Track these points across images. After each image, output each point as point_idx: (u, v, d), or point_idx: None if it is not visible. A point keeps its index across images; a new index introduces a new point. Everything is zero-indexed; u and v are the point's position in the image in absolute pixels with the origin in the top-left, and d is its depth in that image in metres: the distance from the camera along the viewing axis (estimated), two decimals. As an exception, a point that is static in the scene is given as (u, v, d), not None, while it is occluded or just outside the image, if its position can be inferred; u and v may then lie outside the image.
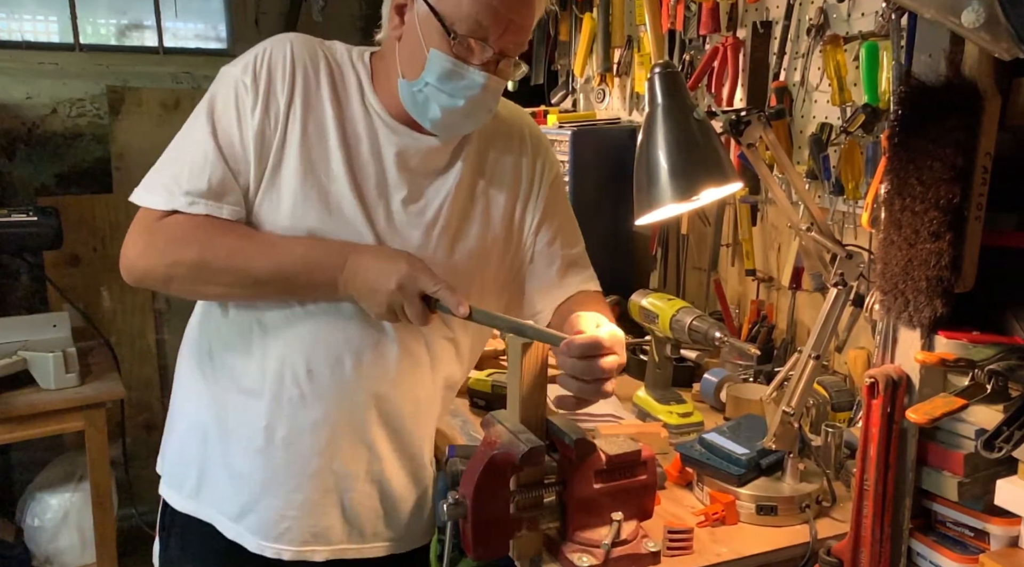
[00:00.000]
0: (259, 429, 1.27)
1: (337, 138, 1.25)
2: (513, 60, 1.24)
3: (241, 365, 1.29)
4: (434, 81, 1.19)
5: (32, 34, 3.31)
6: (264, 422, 1.27)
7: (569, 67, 3.02)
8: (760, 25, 2.05)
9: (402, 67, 1.23)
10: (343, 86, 1.28)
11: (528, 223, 1.41)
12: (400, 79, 1.23)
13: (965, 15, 0.93)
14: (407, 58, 1.22)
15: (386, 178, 1.27)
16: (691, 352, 2.00)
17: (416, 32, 1.19)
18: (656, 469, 1.22)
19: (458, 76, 1.19)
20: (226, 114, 1.22)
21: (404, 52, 1.22)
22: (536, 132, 1.46)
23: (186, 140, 1.24)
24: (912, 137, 1.12)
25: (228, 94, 1.23)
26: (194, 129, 1.23)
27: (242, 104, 1.22)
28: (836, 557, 1.20)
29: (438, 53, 1.18)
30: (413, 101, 1.23)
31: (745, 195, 2.10)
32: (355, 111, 1.27)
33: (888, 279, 1.14)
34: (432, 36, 1.18)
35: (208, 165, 1.20)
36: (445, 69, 1.18)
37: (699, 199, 1.29)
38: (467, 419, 1.82)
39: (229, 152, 1.21)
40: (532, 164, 1.42)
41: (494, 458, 1.08)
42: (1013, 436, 1.03)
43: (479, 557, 1.11)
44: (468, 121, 1.27)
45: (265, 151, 1.23)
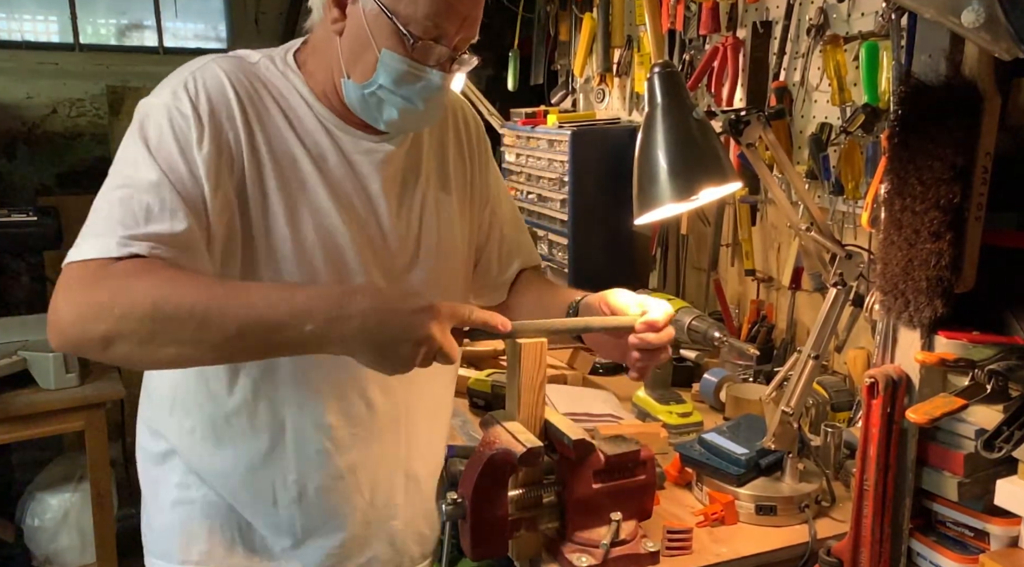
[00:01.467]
0: (290, 483, 1.22)
1: (310, 164, 1.15)
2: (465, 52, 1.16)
3: (249, 433, 1.21)
4: (388, 84, 1.11)
5: (32, 34, 3.31)
6: (294, 476, 1.22)
7: (569, 67, 3.02)
8: (760, 25, 2.05)
9: (347, 66, 1.13)
10: (286, 101, 1.16)
11: (479, 208, 1.37)
12: (345, 79, 1.14)
13: (965, 15, 0.93)
14: (352, 57, 1.12)
15: (369, 195, 1.20)
16: (691, 352, 2.01)
17: (363, 30, 1.09)
18: (655, 469, 1.22)
19: (415, 78, 1.11)
20: (165, 148, 1.06)
21: (348, 50, 1.12)
22: (465, 106, 1.40)
23: (121, 183, 1.04)
24: (912, 137, 1.11)
25: (162, 126, 1.06)
26: (130, 168, 1.05)
27: (183, 136, 1.06)
28: (836, 557, 1.20)
29: (392, 55, 1.10)
30: (364, 103, 1.14)
31: (745, 195, 2.10)
32: (310, 127, 1.17)
33: (888, 279, 1.14)
34: (383, 36, 1.09)
35: (157, 203, 1.02)
36: (400, 71, 1.10)
37: (698, 199, 1.29)
38: (467, 419, 1.82)
39: (180, 188, 1.04)
40: (472, 142, 1.36)
41: (493, 458, 1.08)
42: (1013, 436, 1.03)
43: (478, 557, 1.11)
44: (425, 120, 1.21)
45: (225, 193, 1.08)
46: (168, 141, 1.06)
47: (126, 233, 1.00)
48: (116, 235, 1.00)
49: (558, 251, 2.62)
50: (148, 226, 1.01)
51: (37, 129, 3.21)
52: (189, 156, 1.06)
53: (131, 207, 1.02)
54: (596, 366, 2.09)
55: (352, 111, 1.17)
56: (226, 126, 1.10)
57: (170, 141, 1.06)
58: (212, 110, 1.09)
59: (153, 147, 1.05)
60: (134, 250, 0.99)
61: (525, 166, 2.78)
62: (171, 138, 1.06)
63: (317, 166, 1.16)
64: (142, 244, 1.00)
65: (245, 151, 1.11)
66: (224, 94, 1.11)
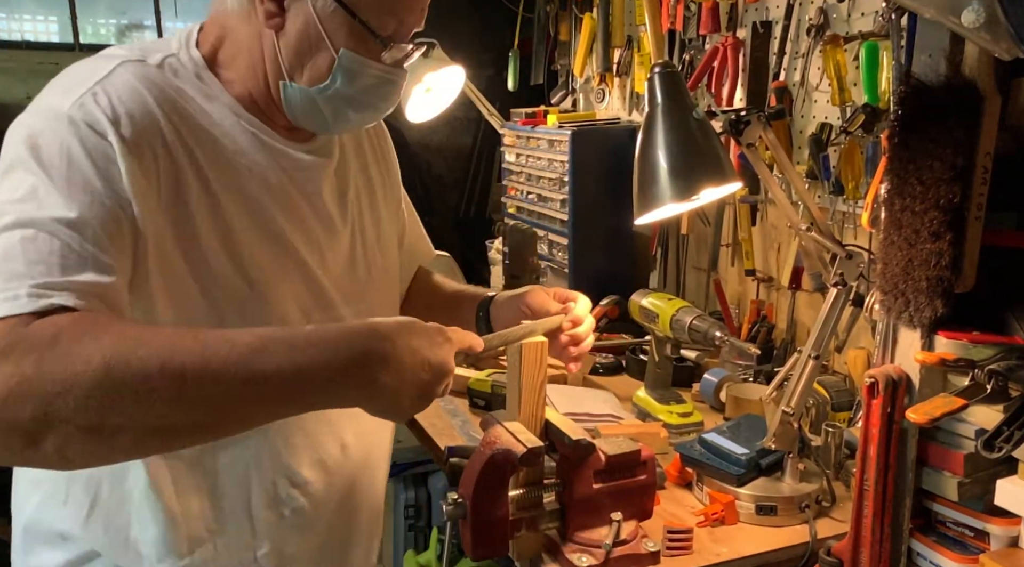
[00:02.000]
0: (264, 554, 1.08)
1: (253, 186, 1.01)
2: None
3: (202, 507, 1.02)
4: (346, 87, 1.01)
5: (32, 34, 3.31)
6: (267, 548, 1.08)
7: (569, 67, 3.02)
8: (760, 25, 2.05)
9: (290, 68, 1.00)
10: (209, 114, 0.99)
11: (396, 208, 1.30)
12: (288, 83, 1.00)
13: (965, 15, 0.93)
14: (297, 58, 0.99)
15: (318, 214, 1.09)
16: (691, 352, 2.01)
17: (314, 28, 0.97)
18: (656, 469, 1.21)
19: (376, 79, 1.02)
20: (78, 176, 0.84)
21: (292, 50, 0.99)
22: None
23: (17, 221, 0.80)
24: (912, 137, 1.11)
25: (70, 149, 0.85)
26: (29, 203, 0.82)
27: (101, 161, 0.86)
28: (836, 557, 1.20)
29: (353, 56, 0.99)
30: (310, 108, 1.02)
31: (745, 195, 2.10)
32: (243, 143, 1.01)
33: (888, 279, 1.14)
34: (341, 35, 0.98)
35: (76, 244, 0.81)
36: (362, 74, 1.01)
37: (698, 199, 1.29)
38: (467, 419, 1.82)
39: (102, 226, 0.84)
40: (377, 136, 1.28)
41: (493, 458, 1.08)
42: (1013, 436, 1.03)
43: (478, 557, 1.11)
44: (376, 119, 1.12)
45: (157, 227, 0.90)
46: (82, 168, 0.84)
47: (38, 281, 0.77)
48: (24, 284, 0.76)
49: (558, 251, 2.62)
50: (66, 274, 0.79)
51: (37, 129, 3.21)
52: (113, 186, 0.85)
53: (39, 250, 0.79)
54: (596, 366, 2.09)
55: (289, 116, 1.04)
56: (154, 148, 0.91)
57: (85, 168, 0.85)
58: (135, 129, 0.89)
59: (59, 175, 0.83)
60: (55, 301, 0.76)
61: (525, 166, 2.78)
62: (86, 164, 0.85)
63: (261, 188, 1.02)
64: (63, 294, 0.77)
65: (177, 176, 0.93)
66: (147, 110, 0.91)
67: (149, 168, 0.90)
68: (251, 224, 1.00)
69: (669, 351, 1.76)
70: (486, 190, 3.70)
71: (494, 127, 2.99)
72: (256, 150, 1.02)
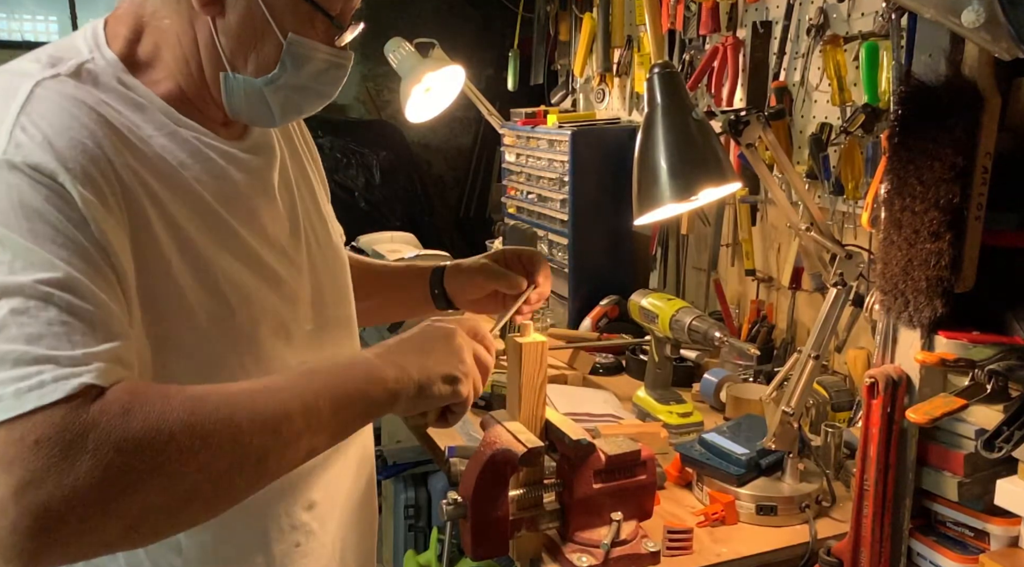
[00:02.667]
0: None
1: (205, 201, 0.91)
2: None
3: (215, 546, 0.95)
4: (296, 75, 0.93)
5: (32, 34, 3.32)
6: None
7: (569, 67, 3.02)
8: (760, 25, 2.05)
9: (232, 58, 0.90)
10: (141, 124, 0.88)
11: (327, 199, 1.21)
12: (230, 74, 0.91)
13: (965, 15, 0.93)
14: (240, 47, 0.90)
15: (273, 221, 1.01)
16: (691, 352, 2.01)
17: (257, 12, 0.89)
18: (656, 469, 1.22)
19: (327, 64, 0.95)
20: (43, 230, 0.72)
21: (233, 39, 0.90)
22: None
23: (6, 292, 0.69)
24: (912, 137, 1.12)
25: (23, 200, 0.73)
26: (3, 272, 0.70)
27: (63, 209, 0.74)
28: (836, 557, 1.20)
29: (303, 41, 0.92)
30: (253, 100, 0.94)
31: (745, 195, 2.10)
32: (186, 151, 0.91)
33: (888, 279, 1.14)
34: (289, 18, 0.90)
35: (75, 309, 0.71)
36: (312, 59, 0.93)
37: (698, 199, 1.29)
38: (467, 419, 1.82)
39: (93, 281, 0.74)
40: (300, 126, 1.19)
41: (494, 458, 1.08)
42: (1013, 436, 1.03)
43: (478, 557, 1.11)
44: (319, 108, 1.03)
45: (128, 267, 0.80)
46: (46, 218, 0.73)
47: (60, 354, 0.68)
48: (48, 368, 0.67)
49: (558, 251, 2.62)
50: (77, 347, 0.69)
51: (37, 129, 3.21)
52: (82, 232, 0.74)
53: (36, 321, 0.69)
54: (596, 366, 2.09)
55: (230, 111, 0.95)
56: (107, 179, 0.80)
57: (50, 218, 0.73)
58: (83, 163, 0.77)
59: (23, 232, 0.71)
60: (85, 380, 0.67)
61: (525, 166, 2.78)
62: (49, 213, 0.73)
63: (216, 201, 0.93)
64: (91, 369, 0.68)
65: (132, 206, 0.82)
66: (85, 137, 0.79)
67: (109, 203, 0.79)
68: (215, 243, 0.91)
69: (669, 351, 1.76)
70: (486, 190, 3.70)
71: (494, 127, 2.99)
72: (201, 160, 0.92)
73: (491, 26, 3.48)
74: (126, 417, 0.67)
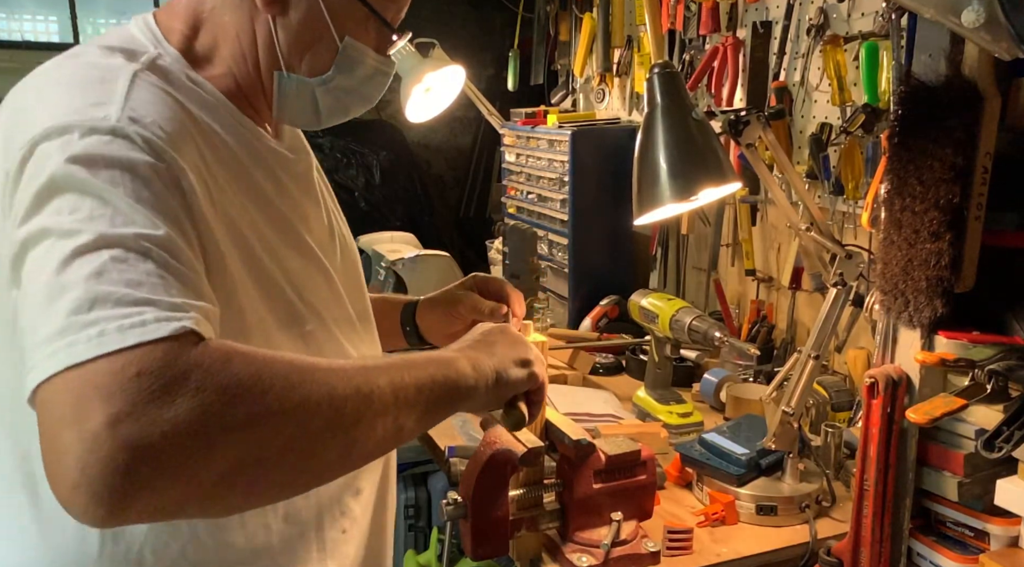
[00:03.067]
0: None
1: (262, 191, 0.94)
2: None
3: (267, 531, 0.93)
4: (346, 79, 0.95)
5: (32, 34, 3.32)
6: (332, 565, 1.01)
7: (569, 67, 3.02)
8: (760, 25, 2.05)
9: (288, 57, 0.92)
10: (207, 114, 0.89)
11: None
12: (284, 74, 0.93)
13: (965, 15, 0.93)
14: (298, 47, 0.92)
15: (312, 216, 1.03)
16: (691, 352, 2.01)
17: (318, 14, 0.91)
18: (656, 469, 1.22)
19: (375, 71, 0.98)
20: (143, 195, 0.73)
21: (292, 38, 0.91)
22: None
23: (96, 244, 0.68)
24: (912, 137, 1.12)
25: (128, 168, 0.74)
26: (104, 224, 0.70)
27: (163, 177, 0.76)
28: (836, 557, 1.20)
29: (358, 46, 0.94)
30: (307, 101, 0.96)
31: (745, 195, 2.10)
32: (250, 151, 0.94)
33: (888, 279, 1.15)
34: (347, 23, 0.92)
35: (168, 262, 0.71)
36: (364, 64, 0.96)
37: (698, 199, 1.29)
38: (467, 419, 1.82)
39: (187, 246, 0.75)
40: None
41: (494, 458, 1.08)
42: (1013, 436, 1.03)
43: (478, 557, 1.11)
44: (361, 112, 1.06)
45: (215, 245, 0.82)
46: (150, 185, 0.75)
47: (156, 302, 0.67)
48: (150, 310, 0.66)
49: (558, 251, 2.62)
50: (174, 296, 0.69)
51: (37, 129, 3.21)
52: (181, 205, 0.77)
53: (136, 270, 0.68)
54: (596, 366, 2.09)
55: (277, 109, 0.97)
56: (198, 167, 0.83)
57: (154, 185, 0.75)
58: (184, 149, 0.81)
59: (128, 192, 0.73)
60: (186, 324, 0.66)
61: (525, 166, 2.78)
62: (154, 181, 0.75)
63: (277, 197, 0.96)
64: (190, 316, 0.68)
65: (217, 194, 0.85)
66: (183, 127, 0.83)
67: (202, 186, 0.81)
68: (280, 236, 0.94)
69: (669, 351, 1.76)
70: (486, 190, 3.70)
71: (494, 127, 2.99)
72: (260, 157, 0.95)
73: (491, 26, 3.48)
74: (227, 363, 0.66)
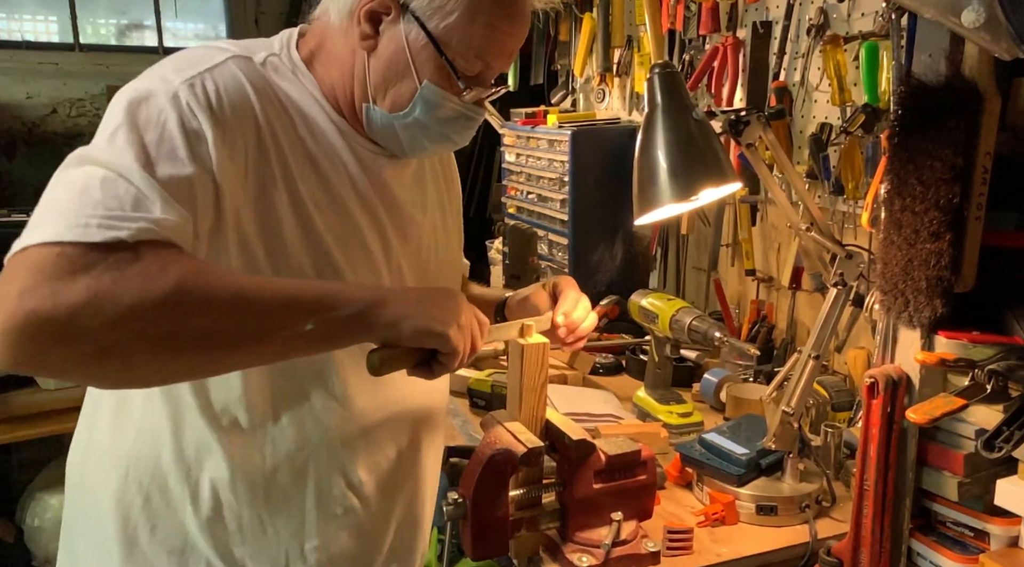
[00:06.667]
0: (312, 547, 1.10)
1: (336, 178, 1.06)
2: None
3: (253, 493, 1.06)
4: (424, 118, 1.04)
5: (32, 34, 3.32)
6: (315, 542, 1.10)
7: (569, 67, 3.02)
8: (760, 25, 2.05)
9: (375, 90, 1.04)
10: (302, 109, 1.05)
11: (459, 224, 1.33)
12: (371, 106, 1.05)
13: (965, 15, 0.93)
14: (383, 82, 1.04)
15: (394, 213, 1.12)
16: (691, 352, 2.01)
17: (403, 56, 1.02)
18: (656, 469, 1.22)
19: (454, 113, 1.06)
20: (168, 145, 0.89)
21: (379, 74, 1.04)
22: None
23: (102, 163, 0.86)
24: (912, 137, 1.12)
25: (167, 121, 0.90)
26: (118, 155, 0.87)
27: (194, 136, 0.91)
28: (836, 557, 1.20)
29: (435, 90, 1.03)
30: (389, 132, 1.07)
31: (745, 195, 2.10)
32: (332, 138, 1.06)
33: (888, 279, 1.14)
34: (427, 68, 1.02)
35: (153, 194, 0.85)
36: (441, 107, 1.04)
37: (698, 199, 1.29)
38: (467, 419, 1.82)
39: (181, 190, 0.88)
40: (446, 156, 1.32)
41: (494, 458, 1.08)
42: (1013, 436, 1.03)
43: (478, 557, 1.11)
44: (451, 149, 1.17)
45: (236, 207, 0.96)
46: (173, 139, 0.90)
47: (108, 214, 0.81)
48: (96, 216, 0.80)
49: (558, 251, 2.62)
50: (137, 211, 0.82)
51: (37, 129, 3.21)
52: (198, 162, 0.90)
53: (115, 189, 0.83)
54: (596, 366, 2.09)
55: (369, 135, 1.08)
56: (246, 138, 0.96)
57: (176, 140, 0.90)
58: (232, 117, 0.95)
59: (151, 140, 0.89)
60: (120, 235, 0.80)
61: (525, 166, 2.78)
62: (178, 137, 0.90)
63: (344, 183, 1.06)
64: (131, 226, 0.81)
65: (267, 167, 0.98)
66: (246, 101, 0.97)
67: (239, 156, 0.95)
68: (326, 207, 1.03)
69: (669, 351, 1.76)
70: (486, 190, 3.70)
71: (494, 127, 2.99)
72: (335, 138, 1.06)
73: (491, 26, 3.48)
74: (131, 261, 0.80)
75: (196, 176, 0.89)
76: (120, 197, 0.83)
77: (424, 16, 1.00)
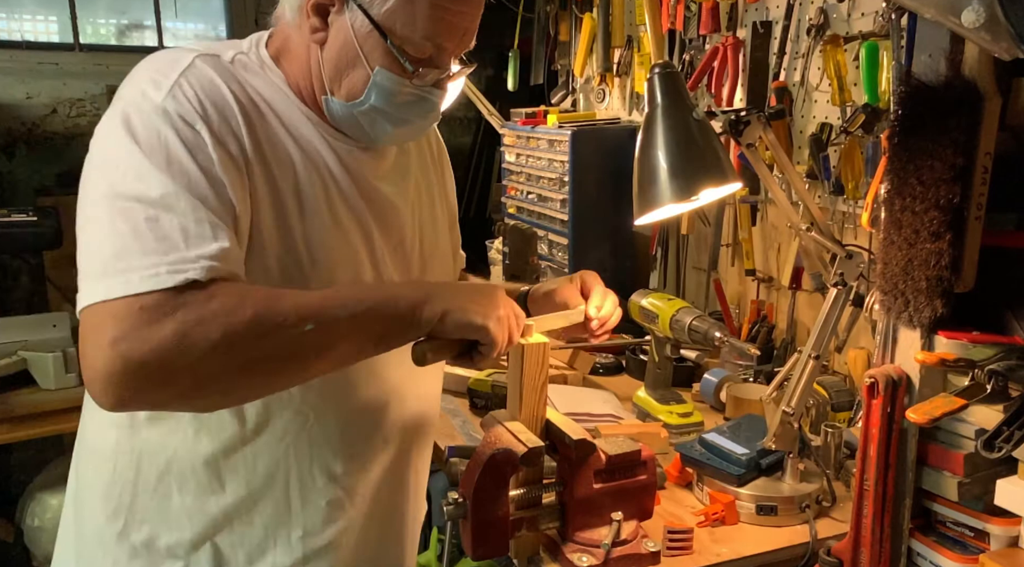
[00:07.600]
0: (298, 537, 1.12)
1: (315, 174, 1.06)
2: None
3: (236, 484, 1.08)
4: (381, 104, 1.04)
5: (32, 34, 3.32)
6: (300, 532, 1.11)
7: (569, 67, 3.02)
8: (760, 25, 2.05)
9: (330, 82, 1.05)
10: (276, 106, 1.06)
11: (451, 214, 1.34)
12: (328, 97, 1.06)
13: (965, 15, 0.93)
14: (336, 73, 1.04)
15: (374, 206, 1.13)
16: (691, 352, 2.01)
17: (351, 46, 1.02)
18: (656, 469, 1.22)
19: (410, 97, 1.05)
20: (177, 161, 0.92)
21: (332, 65, 1.04)
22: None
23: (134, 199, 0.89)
24: (912, 137, 1.12)
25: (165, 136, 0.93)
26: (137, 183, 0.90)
27: (197, 149, 0.93)
28: (836, 557, 1.20)
29: (387, 74, 1.03)
30: (351, 120, 1.07)
31: (745, 195, 2.10)
32: (306, 133, 1.07)
33: (888, 279, 1.14)
34: (376, 54, 1.02)
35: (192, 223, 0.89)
36: (395, 92, 1.04)
37: (698, 199, 1.29)
38: (467, 419, 1.82)
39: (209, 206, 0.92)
40: (435, 144, 1.32)
41: (494, 458, 1.08)
42: (1013, 436, 1.03)
43: (479, 557, 1.11)
44: (419, 134, 1.18)
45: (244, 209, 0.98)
46: (179, 156, 0.92)
47: (172, 257, 0.86)
48: (163, 262, 0.85)
49: (558, 251, 2.62)
50: (191, 248, 0.87)
51: (37, 129, 3.21)
52: (207, 171, 0.93)
53: (163, 228, 0.87)
54: (596, 366, 2.09)
55: (337, 127, 1.09)
56: (232, 136, 0.98)
57: (182, 156, 0.92)
58: (219, 120, 0.97)
59: (160, 162, 0.91)
60: (191, 276, 0.85)
61: (525, 166, 2.78)
62: (182, 153, 0.92)
63: (321, 177, 1.07)
64: (197, 267, 0.86)
65: (250, 162, 0.99)
66: (225, 100, 0.99)
67: (233, 155, 0.97)
68: (304, 199, 1.05)
69: (669, 351, 1.76)
70: (486, 190, 3.70)
71: (494, 127, 2.99)
72: (309, 131, 1.07)
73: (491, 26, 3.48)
74: (207, 300, 0.85)
75: (211, 187, 0.93)
76: (168, 235, 0.87)
77: (366, 3, 1.00)
